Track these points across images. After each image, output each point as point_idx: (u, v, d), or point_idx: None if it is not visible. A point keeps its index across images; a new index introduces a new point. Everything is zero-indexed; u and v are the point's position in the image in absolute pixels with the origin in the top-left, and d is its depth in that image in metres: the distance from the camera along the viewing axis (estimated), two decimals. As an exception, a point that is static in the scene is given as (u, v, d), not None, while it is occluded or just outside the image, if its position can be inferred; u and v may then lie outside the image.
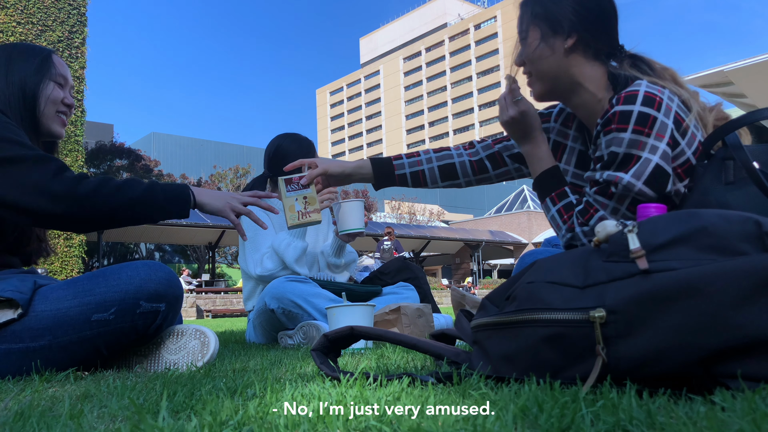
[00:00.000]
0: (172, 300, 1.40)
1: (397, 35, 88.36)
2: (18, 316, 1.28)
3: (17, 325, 1.29)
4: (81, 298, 1.33)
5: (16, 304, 1.29)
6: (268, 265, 2.40)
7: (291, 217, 1.60)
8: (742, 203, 1.08)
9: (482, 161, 1.68)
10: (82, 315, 1.32)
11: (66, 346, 1.31)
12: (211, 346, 1.42)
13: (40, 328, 1.30)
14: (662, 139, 1.19)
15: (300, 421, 0.62)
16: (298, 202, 1.63)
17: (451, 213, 43.28)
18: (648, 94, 1.21)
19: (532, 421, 0.59)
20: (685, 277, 0.69)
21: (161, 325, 1.41)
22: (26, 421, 0.73)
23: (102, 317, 1.32)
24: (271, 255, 2.40)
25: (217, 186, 27.48)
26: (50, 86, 1.52)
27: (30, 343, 1.29)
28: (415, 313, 2.02)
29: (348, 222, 2.29)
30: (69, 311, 1.32)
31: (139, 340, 1.42)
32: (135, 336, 1.38)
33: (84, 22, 14.38)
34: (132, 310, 1.34)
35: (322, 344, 1.04)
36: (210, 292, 17.45)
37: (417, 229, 24.16)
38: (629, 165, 1.21)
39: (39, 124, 1.50)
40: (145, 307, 1.35)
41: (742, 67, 4.85)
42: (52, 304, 1.32)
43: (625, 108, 1.21)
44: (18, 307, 1.29)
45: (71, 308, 1.32)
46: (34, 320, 1.30)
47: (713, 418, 0.54)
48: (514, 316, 0.83)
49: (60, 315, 1.31)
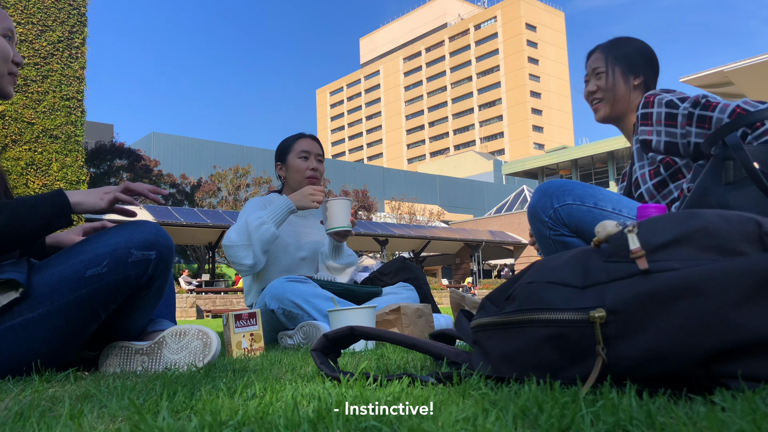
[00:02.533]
0: (163, 248, 1.41)
1: (397, 35, 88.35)
2: (21, 295, 1.29)
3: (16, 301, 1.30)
4: (74, 257, 1.35)
5: (16, 284, 1.29)
6: (231, 235, 2.30)
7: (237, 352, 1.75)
8: (742, 203, 1.08)
9: None
10: (77, 273, 1.33)
11: (64, 311, 1.32)
12: (213, 347, 1.42)
13: (36, 296, 1.31)
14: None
15: (300, 421, 0.62)
16: (245, 339, 1.77)
17: (451, 213, 43.27)
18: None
19: (532, 421, 0.59)
20: (685, 277, 0.69)
21: (153, 276, 1.41)
22: (26, 421, 0.73)
23: (95, 271, 1.34)
24: (239, 227, 2.31)
25: (217, 186, 27.48)
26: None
27: (28, 314, 1.30)
28: (415, 313, 2.02)
29: (334, 220, 2.29)
30: (64, 272, 1.33)
31: (134, 295, 1.42)
32: (128, 290, 1.39)
33: (84, 22, 14.38)
34: (124, 260, 1.35)
35: (322, 344, 1.04)
36: (210, 292, 17.45)
37: (417, 229, 24.15)
38: None
39: None
40: (136, 255, 1.36)
41: (741, 67, 4.85)
42: (46, 271, 1.34)
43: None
44: (19, 287, 1.29)
45: (65, 269, 1.33)
46: (30, 290, 1.31)
47: (713, 418, 0.54)
48: (515, 316, 0.83)
49: (55, 278, 1.32)
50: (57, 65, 13.56)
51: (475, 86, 77.36)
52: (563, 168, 37.77)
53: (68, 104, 13.57)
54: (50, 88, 13.35)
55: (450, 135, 79.51)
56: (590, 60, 1.89)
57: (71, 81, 13.69)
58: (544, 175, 38.68)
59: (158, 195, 1.47)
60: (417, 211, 33.39)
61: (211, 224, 18.38)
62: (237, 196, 27.61)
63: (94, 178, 21.95)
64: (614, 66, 1.81)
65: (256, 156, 36.41)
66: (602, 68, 1.82)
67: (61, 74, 13.56)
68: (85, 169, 13.61)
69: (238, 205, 27.00)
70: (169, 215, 18.17)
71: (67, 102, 13.55)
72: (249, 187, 27.83)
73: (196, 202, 26.88)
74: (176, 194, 27.11)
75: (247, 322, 1.79)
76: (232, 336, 1.75)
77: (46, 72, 13.38)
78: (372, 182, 43.11)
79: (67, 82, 13.61)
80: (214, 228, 18.76)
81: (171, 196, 26.84)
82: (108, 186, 1.51)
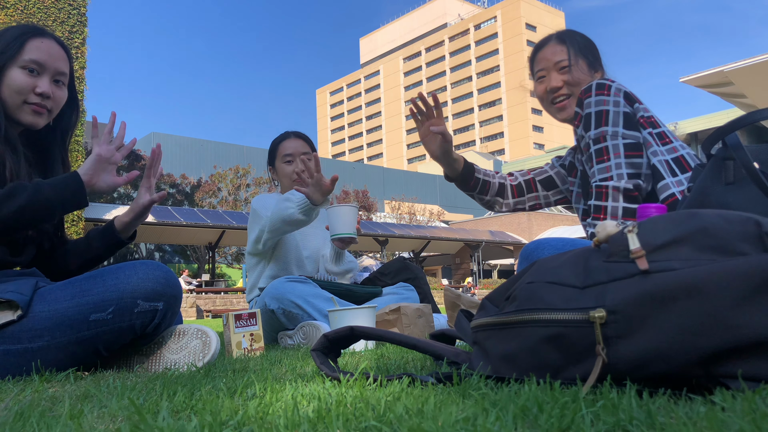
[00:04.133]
0: (170, 299, 1.40)
1: (397, 35, 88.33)
2: (18, 318, 1.28)
3: (16, 327, 1.28)
4: (79, 298, 1.33)
5: (15, 305, 1.29)
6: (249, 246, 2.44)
7: (237, 353, 1.74)
8: (742, 203, 1.08)
9: (520, 185, 1.97)
10: (80, 315, 1.31)
11: (64, 347, 1.31)
12: (212, 346, 1.41)
13: (38, 329, 1.29)
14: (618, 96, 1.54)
15: (300, 421, 0.62)
16: (245, 339, 1.77)
17: (451, 213, 43.25)
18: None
19: (532, 421, 0.59)
20: (685, 277, 0.69)
21: (159, 325, 1.41)
22: (26, 421, 0.73)
23: (100, 317, 1.32)
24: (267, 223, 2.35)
25: (217, 186, 27.47)
26: (14, 73, 1.44)
27: (28, 344, 1.29)
28: (415, 313, 2.02)
29: (338, 226, 2.26)
30: (67, 311, 1.31)
31: (138, 340, 1.42)
32: (133, 336, 1.38)
33: (84, 22, 14.37)
34: (130, 310, 1.33)
35: (322, 344, 1.04)
36: (210, 292, 17.44)
37: (417, 229, 24.14)
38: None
39: (7, 113, 1.44)
40: (143, 306, 1.35)
41: (742, 67, 4.85)
42: (50, 304, 1.32)
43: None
44: (18, 309, 1.28)
45: (69, 308, 1.32)
46: (32, 321, 1.30)
47: (713, 418, 0.54)
48: (515, 316, 0.83)
49: (58, 315, 1.31)
50: (57, 65, 13.55)
51: (475, 86, 77.36)
52: (563, 168, 37.57)
53: (68, 104, 13.56)
54: (50, 88, 13.33)
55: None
56: (545, 53, 1.76)
57: (71, 81, 13.68)
58: (544, 175, 38.40)
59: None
60: (417, 211, 33.37)
61: (211, 224, 18.36)
62: (237, 196, 27.60)
63: (94, 178, 21.90)
64: (578, 58, 1.71)
65: (256, 156, 36.37)
66: (566, 61, 1.70)
67: (61, 74, 13.54)
68: (85, 169, 13.59)
69: (238, 205, 26.99)
70: (169, 215, 18.17)
71: (67, 102, 13.54)
72: (249, 187, 27.82)
73: (196, 202, 26.88)
74: (176, 194, 27.10)
75: (247, 322, 1.80)
76: (232, 336, 1.75)
77: (46, 72, 13.38)
78: (372, 182, 43.10)
79: (67, 82, 13.59)
80: (214, 228, 18.75)
81: (171, 196, 26.84)
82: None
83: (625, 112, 1.52)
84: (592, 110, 1.54)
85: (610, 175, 1.50)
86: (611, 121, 1.51)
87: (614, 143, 1.51)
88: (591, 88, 1.55)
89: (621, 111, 1.52)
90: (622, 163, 1.50)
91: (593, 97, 1.54)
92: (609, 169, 1.51)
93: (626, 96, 1.53)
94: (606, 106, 1.51)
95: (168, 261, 29.21)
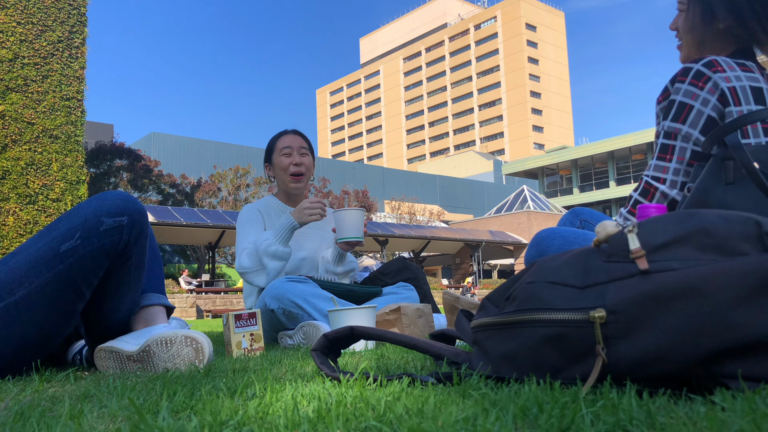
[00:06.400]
0: (134, 213, 1.41)
1: (397, 35, 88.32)
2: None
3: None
4: (46, 236, 1.37)
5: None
6: (244, 262, 2.35)
7: (237, 352, 1.75)
8: (742, 203, 1.08)
9: None
10: (51, 250, 1.34)
11: (43, 289, 1.33)
12: (206, 351, 1.38)
13: (15, 280, 1.32)
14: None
15: (300, 421, 0.62)
16: (245, 339, 1.77)
17: (451, 213, 43.25)
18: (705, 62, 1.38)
19: (532, 421, 0.59)
20: (685, 277, 0.69)
21: (129, 242, 1.41)
22: (26, 421, 0.73)
23: (70, 245, 1.34)
24: (250, 252, 2.35)
25: (217, 186, 27.46)
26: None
27: (9, 298, 1.31)
28: (415, 313, 2.02)
29: (346, 230, 2.29)
30: (38, 252, 1.34)
31: (114, 265, 1.42)
32: (106, 259, 1.39)
33: (84, 22, 14.37)
34: (96, 229, 1.36)
35: (322, 344, 1.04)
36: (210, 292, 17.45)
37: (417, 229, 24.15)
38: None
39: None
40: (108, 222, 1.37)
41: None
42: (21, 253, 1.36)
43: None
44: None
45: (39, 248, 1.35)
46: (8, 274, 1.32)
47: (713, 418, 0.54)
48: (515, 316, 0.83)
49: (30, 259, 1.33)
50: (57, 65, 13.55)
51: (475, 86, 77.34)
52: (563, 168, 37.76)
53: (68, 104, 13.56)
54: (50, 88, 13.34)
55: (450, 135, 79.47)
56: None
57: (71, 81, 13.68)
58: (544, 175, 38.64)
59: None
60: (417, 211, 33.39)
61: (211, 224, 18.37)
62: (237, 196, 27.61)
63: (94, 179, 21.94)
64: (695, 2, 1.50)
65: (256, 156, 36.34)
66: (684, 3, 1.54)
67: (61, 74, 13.55)
68: (85, 169, 13.59)
69: (238, 205, 26.99)
70: (169, 215, 18.17)
71: (67, 102, 13.54)
72: (249, 187, 27.83)
73: (196, 202, 26.87)
74: (176, 194, 27.10)
75: (247, 322, 1.79)
76: (232, 336, 1.75)
77: (46, 72, 13.37)
78: (372, 182, 43.09)
79: (67, 82, 13.59)
80: (214, 228, 18.75)
81: (171, 196, 26.84)
82: None
83: (710, 115, 1.36)
84: (677, 99, 1.40)
85: (664, 178, 1.41)
86: (690, 121, 1.38)
87: (683, 146, 1.39)
88: (689, 72, 1.39)
89: (706, 113, 1.37)
90: (681, 170, 1.40)
91: (685, 85, 1.38)
92: (666, 171, 1.41)
93: (722, 96, 1.36)
94: (693, 101, 1.37)
95: (168, 261, 29.19)
